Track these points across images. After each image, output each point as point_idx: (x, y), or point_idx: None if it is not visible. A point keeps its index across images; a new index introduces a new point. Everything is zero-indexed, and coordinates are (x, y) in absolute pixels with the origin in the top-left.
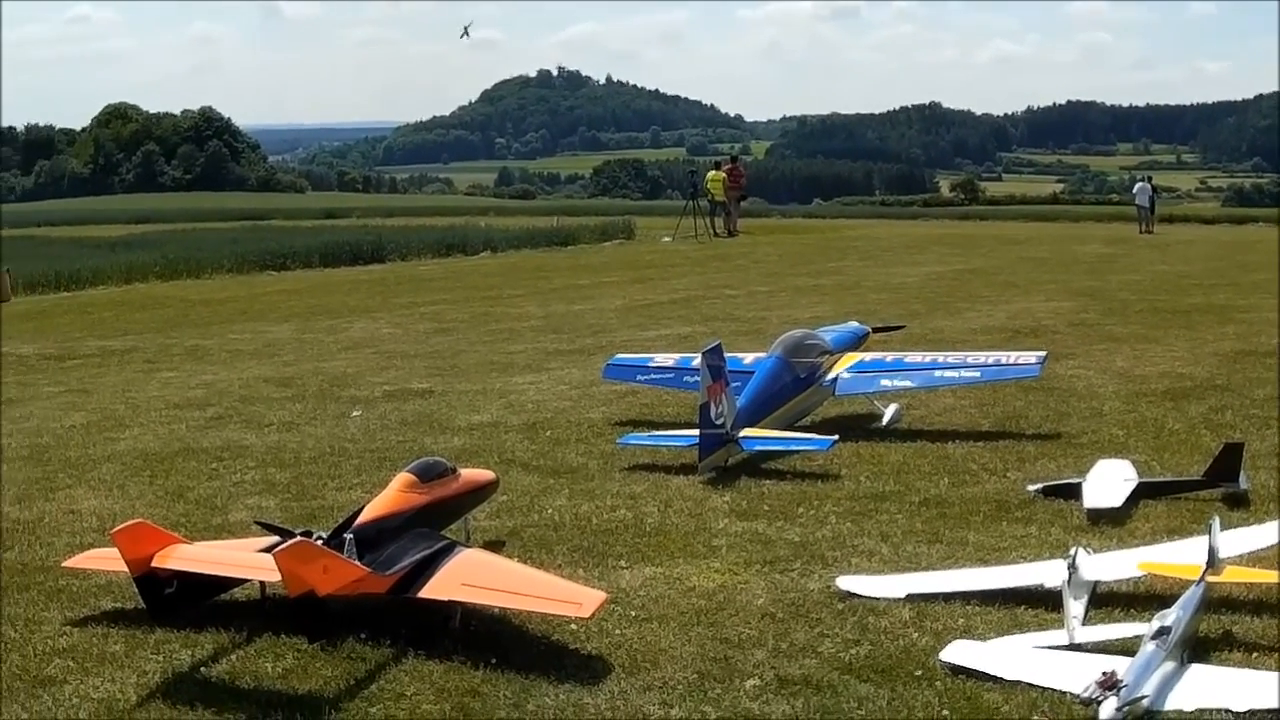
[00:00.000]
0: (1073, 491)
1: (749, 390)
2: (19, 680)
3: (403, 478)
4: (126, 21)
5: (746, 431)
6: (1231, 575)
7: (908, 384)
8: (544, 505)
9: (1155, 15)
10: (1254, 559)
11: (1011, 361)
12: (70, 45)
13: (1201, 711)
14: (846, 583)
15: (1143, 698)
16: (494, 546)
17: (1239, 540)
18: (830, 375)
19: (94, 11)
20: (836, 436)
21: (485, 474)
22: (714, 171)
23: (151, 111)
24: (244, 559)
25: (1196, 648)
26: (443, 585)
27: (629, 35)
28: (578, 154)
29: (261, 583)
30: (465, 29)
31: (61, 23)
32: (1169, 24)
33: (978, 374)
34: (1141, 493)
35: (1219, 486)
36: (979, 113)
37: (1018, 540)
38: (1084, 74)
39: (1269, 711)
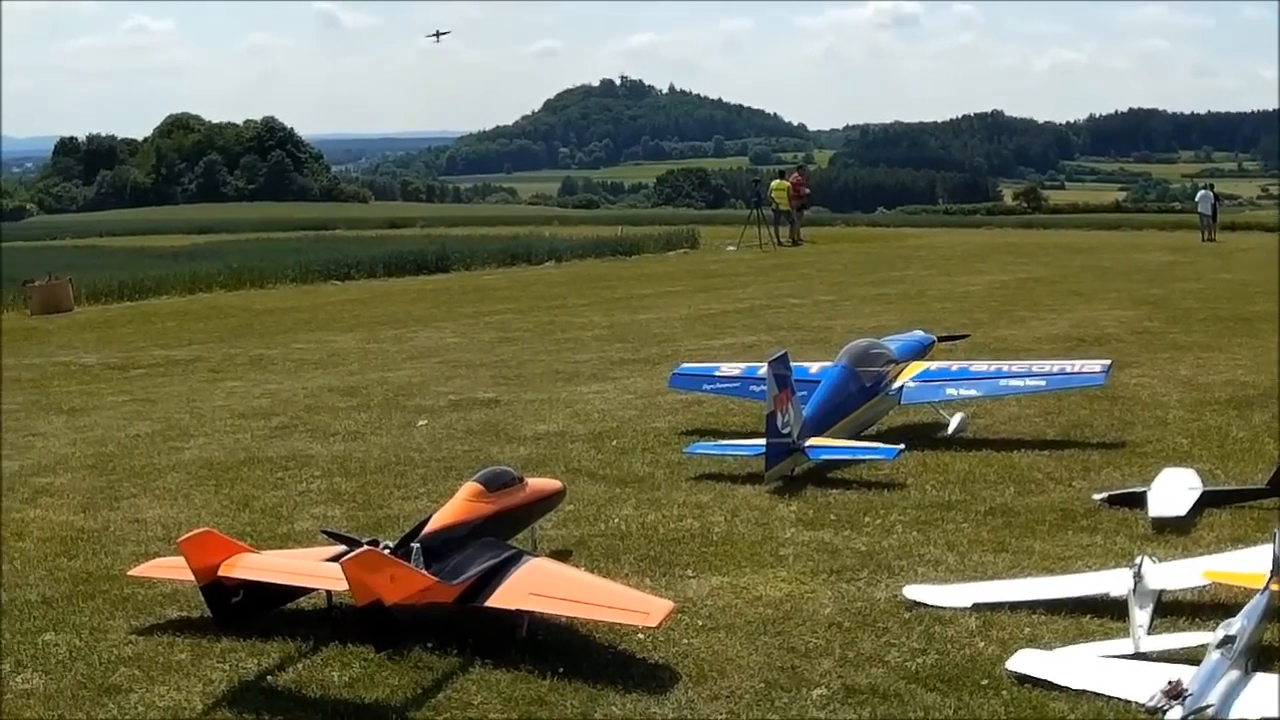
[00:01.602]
0: (1138, 500)
1: (815, 399)
2: (84, 689)
3: (469, 487)
4: (185, 32)
5: (813, 441)
6: None
7: (973, 393)
8: (610, 514)
9: (1210, 20)
10: None
11: (1077, 370)
12: (129, 56)
13: None
14: (913, 592)
15: (1207, 707)
16: (561, 556)
17: None
18: (896, 384)
19: (152, 22)
20: (902, 445)
21: (552, 483)
22: (778, 180)
23: (214, 122)
24: (310, 568)
25: (1261, 657)
26: (510, 594)
27: (689, 44)
28: (641, 163)
29: (328, 592)
30: (437, 33)
31: (121, 33)
32: (1224, 29)
33: (1043, 382)
34: (1206, 501)
35: None
36: (1041, 121)
37: (1083, 549)
38: (1143, 81)
39: None
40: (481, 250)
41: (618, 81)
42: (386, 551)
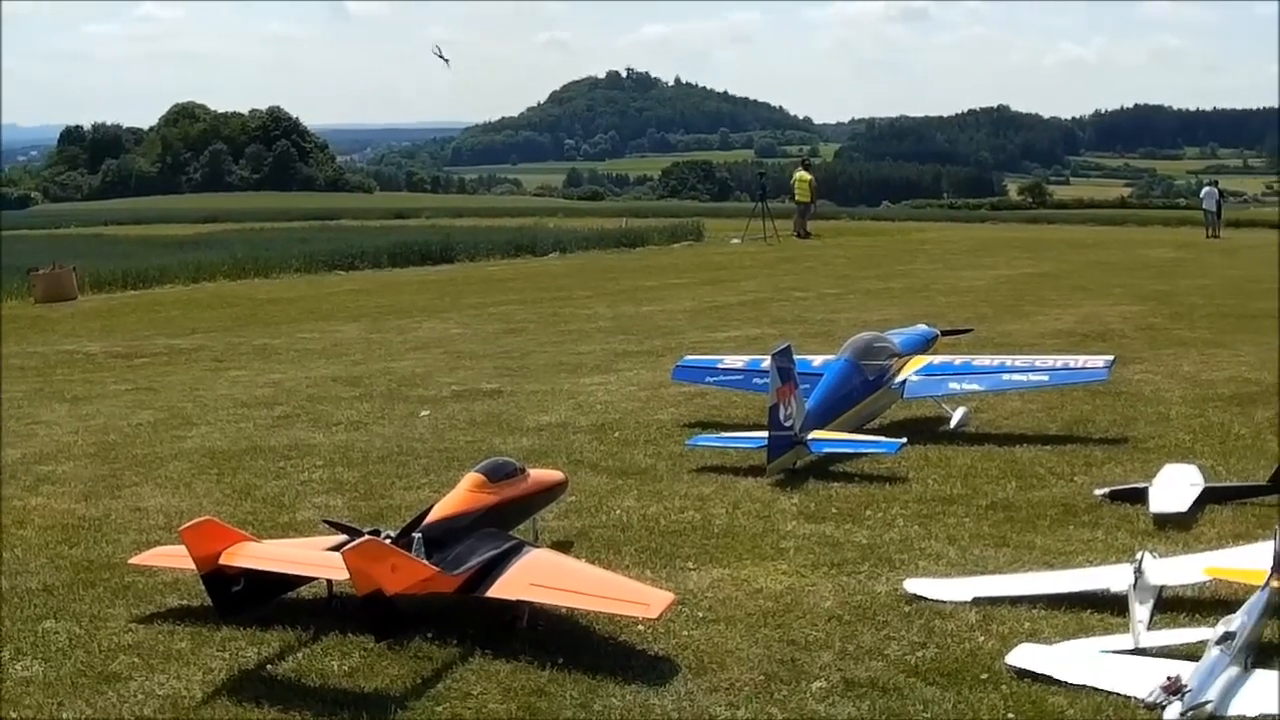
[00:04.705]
0: (1139, 496)
1: (818, 392)
2: (84, 676)
3: (472, 477)
4: (192, 20)
5: (815, 434)
6: None
7: (976, 387)
8: (612, 506)
9: (1220, 16)
10: None
11: (1080, 365)
12: (136, 44)
13: (1265, 717)
14: (913, 585)
15: (1207, 703)
16: (562, 547)
17: None
18: (899, 378)
19: (160, 11)
20: (905, 439)
21: (554, 474)
22: (801, 172)
23: (219, 111)
24: (312, 557)
25: (1261, 653)
26: (511, 585)
27: (699, 36)
28: (646, 155)
29: (329, 581)
30: (439, 52)
31: (128, 21)
32: (1235, 25)
33: (1046, 378)
34: (1208, 498)
35: None
36: (1047, 116)
37: (1084, 544)
38: (1151, 77)
39: None
40: (486, 241)
41: (624, 74)
42: (388, 541)
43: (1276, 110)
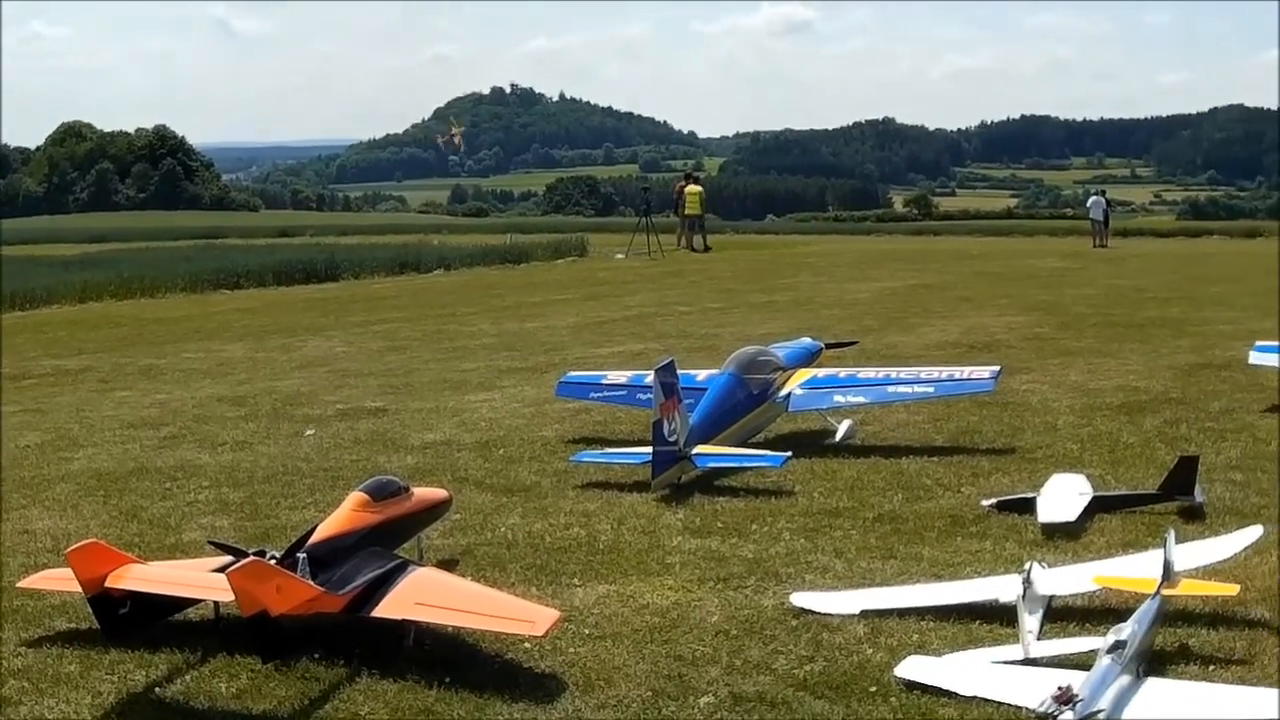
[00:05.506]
0: (1027, 506)
1: (702, 407)
2: None
3: (355, 497)
4: (79, 38)
5: (700, 448)
6: (1187, 589)
7: (861, 400)
8: (497, 523)
9: (1112, 26)
10: (1210, 572)
11: (965, 376)
12: (22, 62)
13: None
14: (801, 599)
15: (1099, 712)
16: (448, 565)
17: (1194, 553)
18: (783, 391)
19: (47, 29)
20: (790, 453)
21: (438, 492)
22: (693, 186)
23: (106, 130)
24: (198, 579)
25: (1152, 661)
26: (396, 604)
27: (584, 51)
28: (531, 171)
29: (215, 603)
30: (453, 137)
31: (14, 39)
32: (1126, 34)
33: (931, 389)
34: (1096, 507)
35: (1174, 500)
36: (932, 128)
37: (972, 555)
38: (1039, 87)
39: None
40: (371, 259)
41: (508, 89)
42: (273, 562)
43: (1163, 119)
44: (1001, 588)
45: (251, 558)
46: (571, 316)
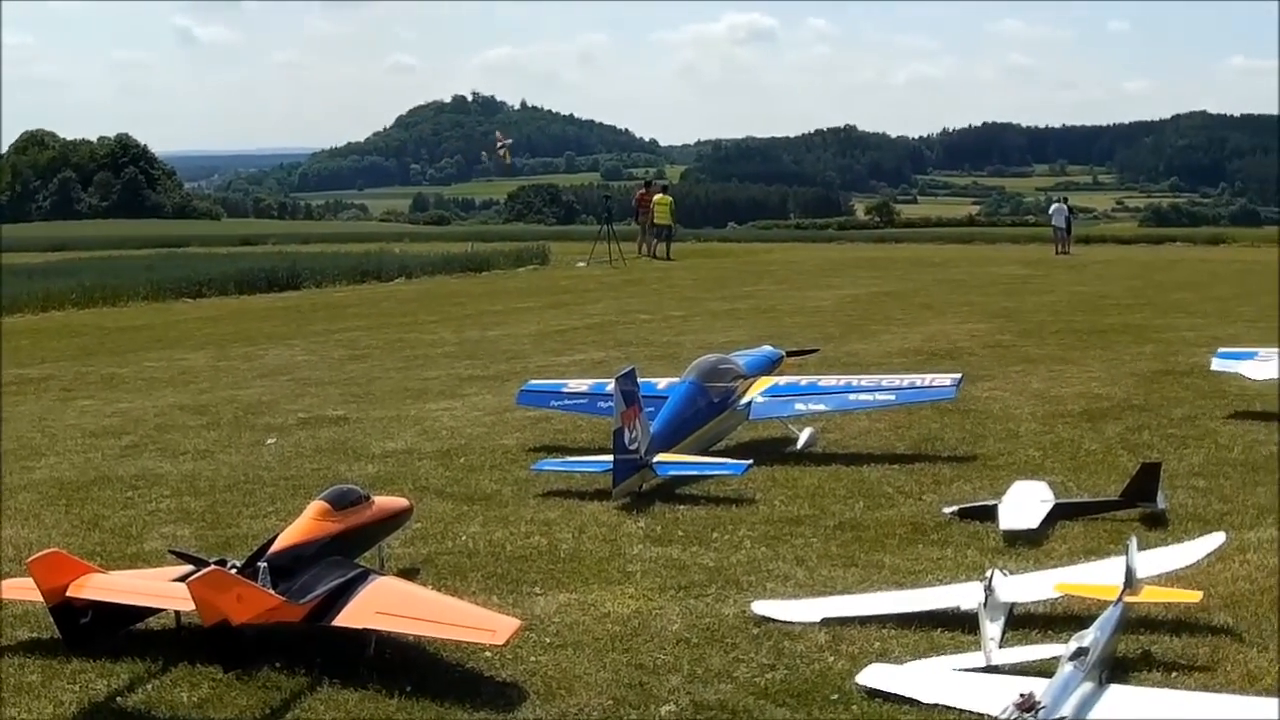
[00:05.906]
0: (989, 513)
1: (663, 415)
2: None
3: (316, 506)
4: (41, 45)
5: (661, 456)
6: (1149, 595)
7: (822, 407)
8: (458, 532)
9: (1074, 33)
10: (1172, 579)
11: (927, 384)
12: None
13: None
14: (762, 607)
15: (1061, 719)
16: (408, 574)
17: (1157, 560)
18: (745, 399)
19: (8, 36)
20: (751, 461)
21: (399, 501)
22: (663, 196)
23: (68, 138)
24: (159, 588)
25: (1115, 668)
26: (357, 613)
27: (546, 59)
28: (492, 180)
29: (176, 612)
30: (502, 146)
31: None
32: (1088, 41)
33: (893, 397)
34: (1058, 514)
35: (1136, 507)
36: (894, 135)
37: (934, 563)
38: (1001, 94)
39: None
40: (332, 267)
41: (470, 97)
42: (233, 571)
43: (1125, 126)
44: (963, 595)
45: (212, 567)
46: (533, 325)
